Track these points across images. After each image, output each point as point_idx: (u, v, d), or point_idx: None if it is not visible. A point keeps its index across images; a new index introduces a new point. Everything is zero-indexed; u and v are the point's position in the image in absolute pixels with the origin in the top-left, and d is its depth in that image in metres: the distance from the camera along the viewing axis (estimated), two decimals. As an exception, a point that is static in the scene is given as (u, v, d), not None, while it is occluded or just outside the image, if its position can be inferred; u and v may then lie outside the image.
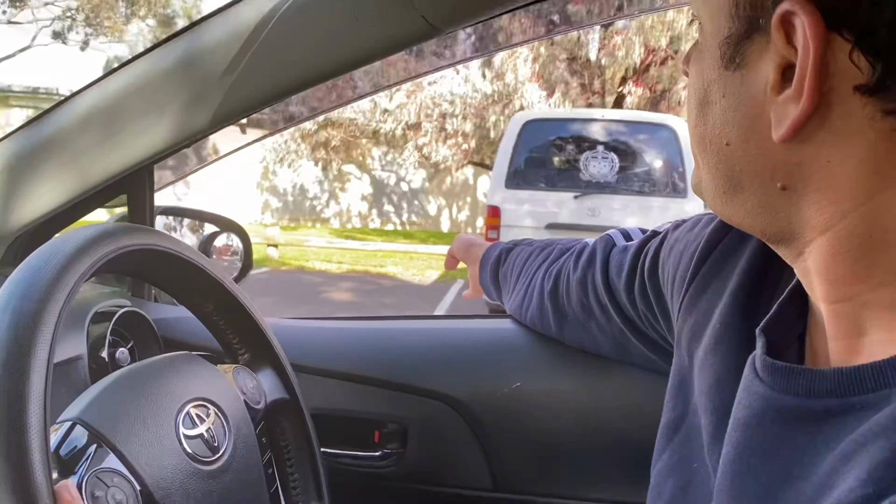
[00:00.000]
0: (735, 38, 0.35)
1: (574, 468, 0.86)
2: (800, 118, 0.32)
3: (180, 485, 0.52)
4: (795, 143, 0.33)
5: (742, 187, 0.37)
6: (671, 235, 0.60)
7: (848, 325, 0.35)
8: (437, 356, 0.92)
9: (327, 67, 0.77)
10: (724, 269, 0.49)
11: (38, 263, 0.47)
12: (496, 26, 0.92)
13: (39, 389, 0.42)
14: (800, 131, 0.33)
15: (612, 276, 0.69)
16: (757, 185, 0.36)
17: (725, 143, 0.37)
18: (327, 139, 12.74)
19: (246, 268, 1.16)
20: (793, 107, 0.32)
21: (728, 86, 0.36)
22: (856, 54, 0.30)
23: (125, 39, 14.97)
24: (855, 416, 0.32)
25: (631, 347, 0.72)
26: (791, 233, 0.36)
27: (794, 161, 0.34)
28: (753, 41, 0.34)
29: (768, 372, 0.37)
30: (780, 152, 0.34)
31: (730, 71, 0.36)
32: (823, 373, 0.34)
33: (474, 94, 10.89)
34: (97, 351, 0.81)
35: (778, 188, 0.35)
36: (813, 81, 0.31)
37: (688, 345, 0.50)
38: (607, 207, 4.95)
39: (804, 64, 0.31)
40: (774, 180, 0.35)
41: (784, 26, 0.32)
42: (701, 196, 0.42)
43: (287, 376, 0.73)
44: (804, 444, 0.34)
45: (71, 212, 0.92)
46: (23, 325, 0.43)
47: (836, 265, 0.35)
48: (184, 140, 0.84)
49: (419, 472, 0.91)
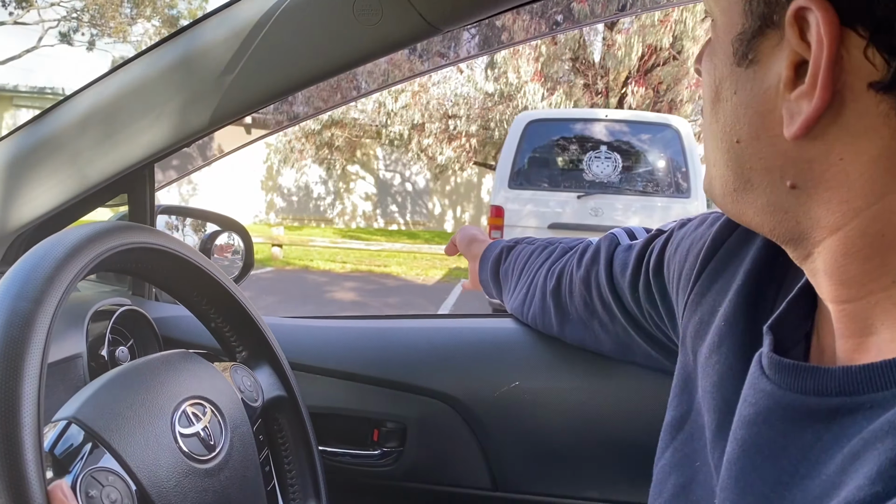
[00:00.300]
0: (748, 35, 0.35)
1: (573, 467, 0.85)
2: (812, 115, 0.32)
3: (176, 483, 0.52)
4: (807, 140, 0.33)
5: (752, 185, 0.37)
6: (677, 234, 0.60)
7: (857, 325, 0.35)
8: (435, 355, 0.92)
9: (326, 66, 0.77)
10: (728, 268, 0.49)
11: (33, 262, 0.47)
12: (499, 24, 0.91)
13: (33, 389, 0.42)
14: (812, 128, 0.32)
15: (617, 275, 0.69)
16: (766, 183, 0.36)
17: (736, 140, 0.37)
18: (331, 139, 12.76)
19: (247, 267, 1.17)
20: (805, 103, 0.32)
21: (740, 82, 0.36)
22: (871, 51, 0.30)
23: (130, 40, 15.02)
24: (864, 414, 0.31)
25: (634, 346, 0.72)
26: (800, 233, 0.36)
27: (805, 159, 0.34)
28: (766, 37, 0.34)
29: (775, 370, 0.37)
30: (792, 150, 0.34)
31: (742, 67, 0.36)
32: (832, 371, 0.34)
33: (477, 93, 10.90)
34: (97, 349, 0.81)
35: (787, 187, 0.35)
36: (826, 77, 0.31)
37: (692, 343, 0.50)
38: (610, 207, 4.95)
39: (817, 60, 0.31)
40: (784, 179, 0.35)
41: (798, 22, 0.32)
42: (711, 196, 0.41)
43: (285, 374, 0.73)
44: (812, 443, 0.34)
45: (71, 211, 0.92)
46: (17, 325, 0.43)
47: (847, 265, 0.34)
48: (184, 139, 0.84)
49: (418, 471, 0.91)
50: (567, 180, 5.14)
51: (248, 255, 1.17)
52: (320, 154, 13.17)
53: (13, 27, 14.75)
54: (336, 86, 1.02)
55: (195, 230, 1.22)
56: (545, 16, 0.92)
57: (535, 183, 5.16)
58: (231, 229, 1.18)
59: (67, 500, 0.42)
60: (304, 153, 13.13)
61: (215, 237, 1.17)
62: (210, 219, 1.20)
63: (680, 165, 4.94)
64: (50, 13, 14.84)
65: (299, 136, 12.83)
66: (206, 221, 1.20)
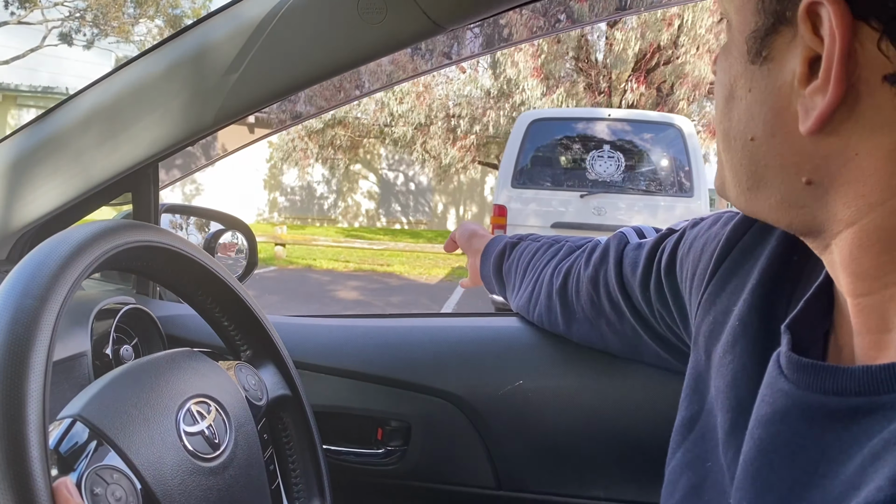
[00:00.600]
0: (762, 32, 0.35)
1: (577, 467, 0.85)
2: (827, 109, 0.32)
3: (181, 482, 0.52)
4: (822, 135, 0.33)
5: (766, 183, 0.37)
6: (689, 233, 0.60)
7: (875, 320, 0.35)
8: (440, 354, 0.92)
9: (330, 65, 0.77)
10: (743, 267, 0.49)
11: (38, 260, 0.47)
12: (502, 23, 0.91)
13: (38, 386, 0.42)
14: (827, 123, 0.32)
15: (626, 274, 0.69)
16: (781, 180, 0.36)
17: (750, 137, 0.37)
18: (334, 138, 12.78)
19: (251, 266, 1.17)
20: (820, 98, 0.32)
21: (754, 80, 0.36)
22: (884, 43, 0.30)
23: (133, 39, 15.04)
24: (884, 414, 0.31)
25: (643, 346, 0.71)
26: (817, 227, 0.36)
27: (821, 154, 0.34)
28: (780, 34, 0.34)
29: (794, 369, 0.37)
30: (807, 146, 0.34)
31: (756, 65, 0.36)
32: (851, 371, 0.34)
33: (478, 91, 10.90)
34: (101, 348, 0.81)
35: (803, 183, 0.35)
36: (840, 71, 0.31)
37: (705, 343, 0.50)
38: (613, 206, 4.94)
39: (830, 53, 0.31)
40: (800, 175, 0.35)
41: (811, 17, 0.32)
42: (725, 196, 0.41)
43: (289, 373, 0.73)
44: (831, 443, 0.33)
45: (75, 210, 0.92)
46: (22, 322, 0.43)
47: (862, 258, 0.34)
48: (187, 138, 0.84)
49: (422, 469, 0.91)
50: (570, 179, 5.14)
51: (252, 253, 1.18)
52: (324, 153, 13.19)
53: (17, 27, 14.79)
54: (339, 85, 1.02)
55: (199, 229, 1.22)
56: (548, 14, 0.92)
57: (539, 182, 5.15)
58: (235, 228, 1.18)
59: (72, 497, 0.42)
60: (307, 152, 13.15)
61: (219, 236, 1.18)
62: (214, 217, 1.20)
63: (683, 164, 4.93)
64: (53, 13, 14.87)
65: (302, 135, 12.86)
66: (209, 220, 1.21)
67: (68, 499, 0.42)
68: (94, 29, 14.80)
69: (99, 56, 15.04)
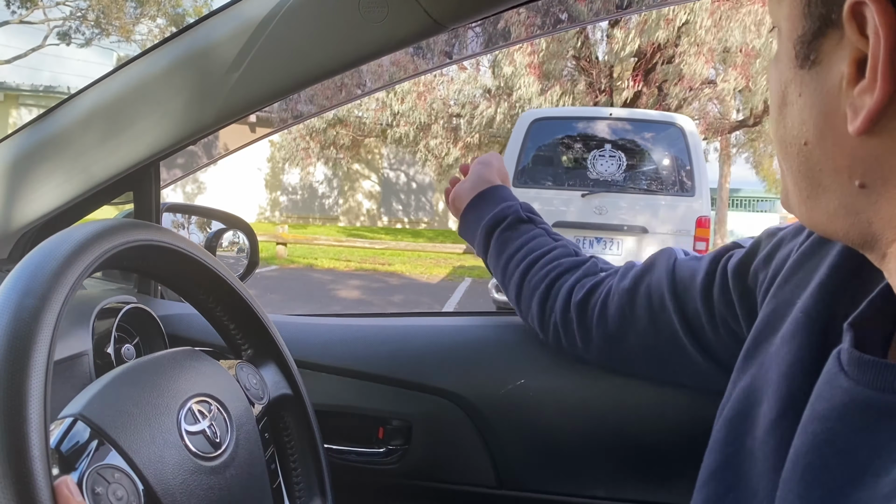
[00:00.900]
0: (809, 36, 0.35)
1: (579, 466, 0.85)
2: (875, 107, 0.32)
3: (182, 481, 0.52)
4: (873, 136, 0.33)
5: (823, 188, 0.37)
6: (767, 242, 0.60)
7: None
8: (441, 353, 0.92)
9: (331, 64, 0.77)
10: (811, 261, 0.49)
11: (39, 259, 0.47)
12: (503, 22, 0.91)
13: (40, 385, 0.42)
14: (876, 122, 0.32)
15: (683, 280, 0.69)
16: (837, 184, 0.36)
17: (804, 142, 0.37)
18: (336, 137, 12.78)
19: (252, 265, 1.17)
20: (868, 97, 0.32)
21: (804, 84, 0.36)
22: None
23: (135, 38, 15.05)
24: None
25: (675, 356, 0.71)
26: (873, 235, 0.36)
27: (872, 156, 0.34)
28: (827, 37, 0.34)
29: (855, 366, 0.37)
30: (858, 147, 0.34)
31: (805, 69, 0.36)
32: None
33: (478, 90, 10.90)
34: (102, 347, 0.81)
35: (856, 186, 0.35)
36: (886, 69, 0.31)
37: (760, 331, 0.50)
38: (614, 206, 4.94)
39: (876, 52, 0.31)
40: (853, 178, 0.35)
41: (856, 18, 0.32)
42: (789, 209, 0.42)
43: (290, 372, 0.73)
44: (886, 441, 0.33)
45: (77, 209, 0.92)
46: (24, 321, 0.43)
47: None
48: (189, 137, 0.84)
49: (423, 469, 0.91)
50: (571, 179, 5.14)
51: (253, 252, 1.18)
52: (325, 153, 13.20)
53: (19, 26, 14.80)
54: (340, 84, 1.01)
55: (200, 228, 1.22)
56: (549, 13, 0.92)
57: (540, 181, 5.16)
58: (236, 227, 1.18)
59: (73, 496, 0.42)
60: (308, 151, 13.16)
61: (220, 235, 1.18)
62: (215, 217, 1.20)
63: (684, 164, 4.93)
64: (55, 12, 14.88)
65: (304, 134, 12.86)
66: (211, 219, 1.21)
67: (69, 498, 0.42)
68: (96, 28, 14.81)
69: (100, 55, 15.08)
